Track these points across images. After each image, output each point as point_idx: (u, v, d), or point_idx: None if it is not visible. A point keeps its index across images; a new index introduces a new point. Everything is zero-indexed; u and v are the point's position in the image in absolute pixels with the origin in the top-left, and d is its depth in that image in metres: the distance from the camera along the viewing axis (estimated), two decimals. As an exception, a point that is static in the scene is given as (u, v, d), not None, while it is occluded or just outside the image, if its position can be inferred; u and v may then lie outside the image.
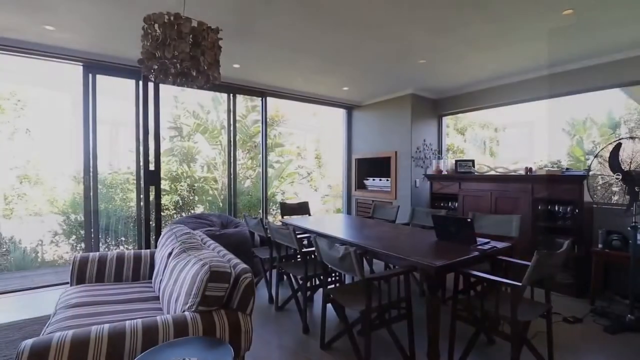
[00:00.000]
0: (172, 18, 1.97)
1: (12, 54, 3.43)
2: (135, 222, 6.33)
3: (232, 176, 4.88)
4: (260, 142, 5.22)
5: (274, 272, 3.23)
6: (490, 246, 2.35)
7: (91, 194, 3.77)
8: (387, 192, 5.43)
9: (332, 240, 2.37)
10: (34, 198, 6.90)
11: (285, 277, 3.61)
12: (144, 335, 1.40)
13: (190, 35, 2.01)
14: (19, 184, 6.82)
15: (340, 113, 6.33)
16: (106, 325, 1.41)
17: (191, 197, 7.33)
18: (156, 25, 1.99)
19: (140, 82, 3.94)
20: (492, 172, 4.29)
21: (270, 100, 5.22)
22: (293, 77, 4.51)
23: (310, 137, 10.13)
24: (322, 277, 2.49)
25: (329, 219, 3.84)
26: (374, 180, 5.80)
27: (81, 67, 3.75)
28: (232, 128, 4.88)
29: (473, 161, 4.53)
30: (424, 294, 3.28)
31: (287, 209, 4.35)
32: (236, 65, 3.94)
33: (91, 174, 3.78)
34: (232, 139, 4.88)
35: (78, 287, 2.28)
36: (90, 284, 2.36)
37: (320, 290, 3.19)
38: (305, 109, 9.94)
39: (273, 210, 7.97)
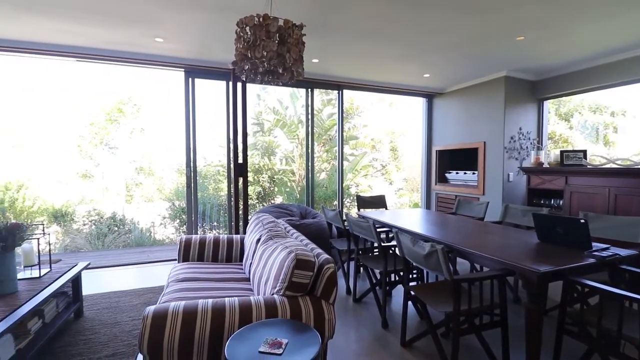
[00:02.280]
0: (260, 19, 2.09)
1: (129, 64, 4.07)
2: (225, 209, 7.06)
3: (309, 169, 5.04)
4: (337, 134, 5.26)
5: (352, 264, 3.25)
6: (610, 253, 1.98)
7: (192, 184, 4.30)
8: (473, 186, 4.99)
9: (413, 236, 2.27)
10: (147, 186, 8.22)
11: (362, 269, 3.62)
12: (240, 312, 1.54)
13: (277, 34, 2.10)
14: (136, 175, 8.20)
15: (420, 102, 6.00)
16: (210, 300, 1.59)
17: (271, 188, 7.83)
18: (247, 28, 2.13)
19: (230, 83, 4.31)
20: (611, 165, 3.59)
21: (345, 92, 5.22)
22: (371, 68, 4.42)
23: (386, 129, 9.86)
24: (402, 273, 2.41)
25: (408, 214, 3.70)
26: (457, 173, 5.38)
27: (183, 72, 4.26)
28: (309, 122, 5.02)
29: (585, 152, 3.85)
30: (517, 301, 2.94)
31: (363, 202, 4.32)
32: (315, 60, 4.02)
33: (191, 167, 4.30)
34: (309, 133, 5.02)
35: (184, 264, 2.63)
36: (193, 262, 2.70)
37: (400, 286, 3.12)
38: (381, 100, 9.70)
39: (347, 202, 8.03)
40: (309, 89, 4.97)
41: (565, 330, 1.87)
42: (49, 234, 2.60)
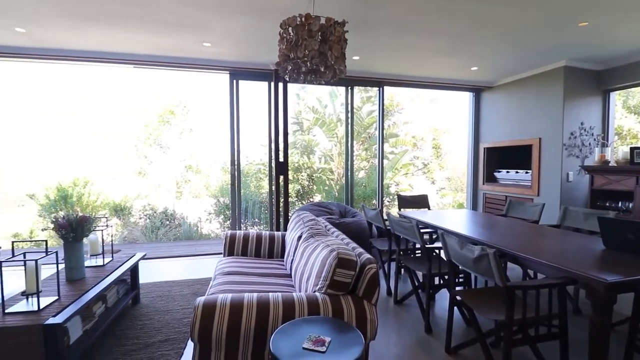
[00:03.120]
0: (303, 19, 2.11)
1: (180, 69, 4.32)
2: (265, 206, 7.27)
3: (349, 167, 5.01)
4: (377, 132, 5.17)
5: (392, 264, 3.19)
6: (697, 264, 1.72)
7: (235, 182, 4.47)
8: (526, 186, 4.64)
9: (460, 238, 2.16)
10: (195, 184, 8.72)
11: (402, 270, 3.53)
12: (284, 307, 1.57)
13: (319, 33, 2.11)
14: (185, 172, 8.73)
15: (466, 97, 5.70)
16: (254, 294, 1.64)
17: (310, 186, 7.91)
18: (290, 29, 2.16)
19: (272, 84, 4.41)
20: (696, 163, 3.14)
21: (386, 89, 5.11)
22: (413, 63, 4.28)
23: (428, 126, 9.51)
24: (448, 276, 2.31)
25: (453, 215, 3.53)
26: (507, 172, 5.04)
27: (228, 74, 4.44)
28: (349, 120, 4.99)
29: (660, 148, 3.41)
30: (578, 313, 2.68)
31: (405, 202, 4.21)
32: (356, 57, 3.98)
33: (235, 165, 4.48)
34: (349, 131, 4.99)
35: (229, 258, 2.74)
36: (237, 257, 2.81)
37: (444, 290, 2.99)
38: (423, 96, 9.38)
39: (387, 201, 7.87)
40: (349, 87, 4.93)
41: (636, 346, 1.68)
42: (111, 226, 2.86)
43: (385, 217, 3.12)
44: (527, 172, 4.66)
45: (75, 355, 1.87)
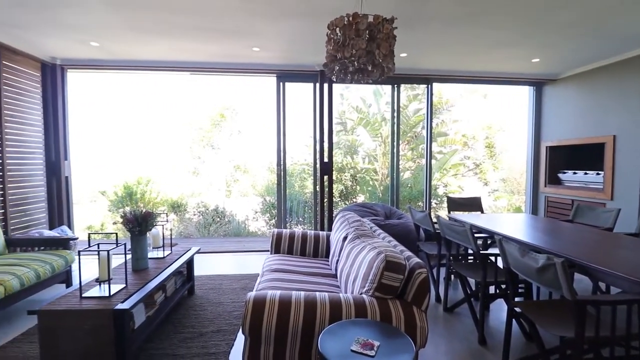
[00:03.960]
0: (350, 19, 2.09)
1: (231, 74, 4.54)
2: (309, 206, 7.36)
3: (394, 167, 4.89)
4: (424, 131, 4.98)
5: (442, 269, 3.04)
6: None
7: (281, 182, 4.59)
8: (597, 189, 4.16)
9: (520, 245, 1.99)
10: (243, 183, 9.13)
11: (453, 276, 3.35)
12: (330, 308, 1.57)
13: (367, 31, 2.08)
14: (234, 172, 9.18)
15: (524, 91, 5.26)
16: (302, 293, 1.66)
17: (353, 187, 7.86)
18: (337, 29, 2.16)
19: (317, 85, 4.45)
20: None
21: (434, 86, 4.90)
22: (465, 57, 4.05)
23: (481, 124, 8.95)
24: (505, 286, 2.15)
25: (510, 219, 3.28)
26: (574, 173, 4.56)
27: (275, 77, 4.57)
28: (395, 120, 4.86)
29: None
30: (664, 335, 2.33)
31: (455, 204, 4.00)
32: (403, 54, 3.87)
33: (281, 165, 4.59)
34: (395, 131, 4.87)
35: (276, 255, 2.82)
36: (283, 255, 2.88)
37: (500, 300, 2.79)
38: (475, 92, 8.85)
39: (435, 203, 7.55)
40: (395, 85, 4.81)
41: None
42: (169, 222, 3.09)
43: (434, 219, 2.99)
44: (598, 174, 4.17)
45: (139, 339, 2.05)
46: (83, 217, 7.98)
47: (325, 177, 4.37)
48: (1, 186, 3.47)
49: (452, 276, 3.36)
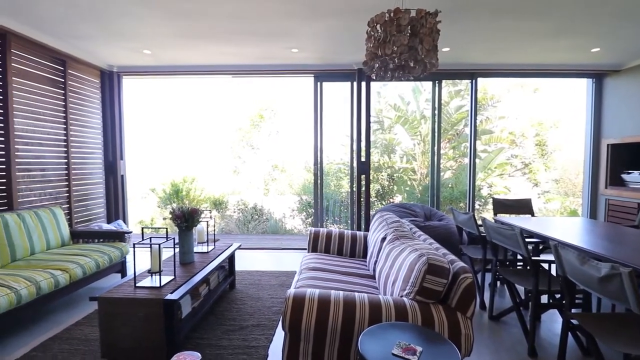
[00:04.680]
0: (392, 14, 2.04)
1: (270, 75, 4.64)
2: (344, 205, 7.34)
3: (435, 167, 4.71)
4: (467, 129, 4.75)
5: (487, 275, 2.88)
6: None
7: (318, 181, 4.62)
8: (669, 192, 3.70)
9: (579, 251, 1.83)
10: (280, 182, 9.33)
11: (499, 283, 3.17)
12: (370, 309, 1.55)
13: (409, 27, 2.02)
14: (272, 171, 9.42)
15: (582, 84, 4.82)
16: (340, 292, 1.66)
17: (390, 187, 7.71)
18: (378, 26, 2.12)
19: (354, 84, 4.42)
20: None
21: (479, 81, 4.64)
22: (513, 49, 3.80)
23: (529, 120, 8.34)
24: (561, 295, 1.98)
25: (565, 224, 3.02)
26: (641, 174, 4.10)
27: (312, 77, 4.60)
28: (436, 117, 4.68)
29: None
30: None
31: (502, 206, 3.76)
32: (446, 49, 3.71)
33: (319, 165, 4.62)
34: (436, 129, 4.69)
35: (313, 254, 2.84)
36: (321, 253, 2.89)
37: (553, 311, 2.58)
38: (522, 86, 8.28)
39: (478, 205, 7.18)
40: (437, 81, 4.63)
41: None
42: (213, 218, 3.23)
43: (479, 222, 2.84)
44: (672, 175, 3.70)
45: (185, 328, 2.17)
46: (135, 212, 8.61)
47: (362, 177, 4.32)
48: (67, 183, 3.85)
49: (498, 282, 3.17)
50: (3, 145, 3.08)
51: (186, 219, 2.49)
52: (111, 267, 3.14)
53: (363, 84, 4.31)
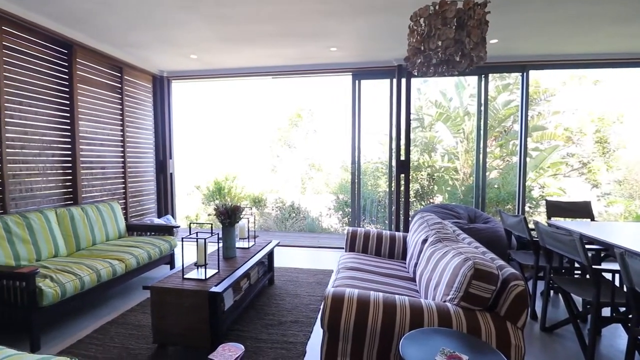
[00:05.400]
0: (437, 7, 1.96)
1: (308, 75, 4.68)
2: (382, 205, 7.21)
3: (480, 166, 4.47)
4: (517, 125, 4.45)
5: (539, 283, 2.68)
6: None
7: (356, 180, 4.58)
8: None
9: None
10: (317, 181, 9.40)
11: (552, 292, 2.93)
12: (411, 313, 1.50)
13: (455, 19, 1.93)
14: (309, 170, 9.51)
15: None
16: (380, 294, 1.63)
17: (430, 187, 7.44)
18: (421, 20, 2.05)
19: (394, 80, 4.31)
20: None
21: (531, 74, 4.31)
22: (571, 38, 3.48)
23: (589, 115, 7.60)
24: (627, 309, 1.79)
25: (631, 229, 2.71)
26: None
27: (350, 75, 4.56)
28: (482, 114, 4.43)
29: None
30: None
31: (556, 209, 3.47)
32: (494, 41, 3.49)
33: (356, 164, 4.58)
34: (481, 125, 4.44)
35: (351, 253, 2.82)
36: (358, 253, 2.87)
37: (616, 325, 2.34)
38: (583, 78, 7.57)
39: (528, 207, 6.68)
40: (482, 75, 4.38)
41: None
42: (253, 215, 3.34)
43: (531, 225, 2.64)
44: None
45: (228, 320, 2.26)
46: (181, 208, 9.14)
47: (402, 176, 4.22)
48: (123, 180, 4.18)
49: (552, 291, 2.93)
50: (70, 146, 3.42)
51: (229, 216, 2.59)
52: (161, 258, 3.36)
53: (403, 80, 4.19)
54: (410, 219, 4.18)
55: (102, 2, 2.70)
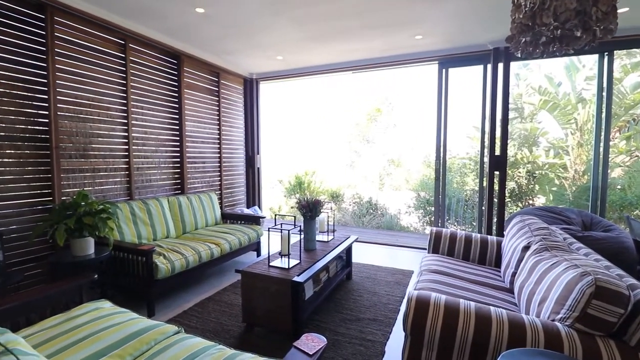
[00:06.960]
0: (549, -26, 1.67)
1: (391, 67, 4.51)
2: (469, 205, 6.61)
3: (599, 162, 3.73)
4: (656, 113, 3.56)
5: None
6: None
7: (440, 177, 4.28)
8: None
9: None
10: (396, 177, 9.09)
11: None
12: (510, 328, 1.33)
13: (575, -14, 1.61)
14: (387, 165, 9.26)
15: None
16: (472, 303, 1.48)
17: (530, 186, 6.52)
18: (529, -8, 1.77)
19: (489, 66, 3.87)
20: None
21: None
22: None
23: None
24: None
25: None
26: None
27: (436, 64, 4.25)
28: (604, 100, 3.68)
29: None
30: None
31: None
32: (624, 9, 2.85)
33: (441, 160, 4.27)
34: (602, 114, 3.69)
35: (434, 255, 2.64)
36: (442, 256, 2.67)
37: None
38: None
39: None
40: (605, 53, 3.61)
41: None
42: (332, 210, 3.39)
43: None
44: None
45: (308, 310, 2.34)
46: (265, 200, 9.83)
47: (496, 173, 3.78)
48: (219, 174, 4.67)
49: None
50: (179, 144, 3.96)
51: (310, 209, 2.67)
52: (249, 245, 3.67)
53: (500, 65, 3.73)
54: (506, 222, 3.72)
55: (204, 15, 3.03)
